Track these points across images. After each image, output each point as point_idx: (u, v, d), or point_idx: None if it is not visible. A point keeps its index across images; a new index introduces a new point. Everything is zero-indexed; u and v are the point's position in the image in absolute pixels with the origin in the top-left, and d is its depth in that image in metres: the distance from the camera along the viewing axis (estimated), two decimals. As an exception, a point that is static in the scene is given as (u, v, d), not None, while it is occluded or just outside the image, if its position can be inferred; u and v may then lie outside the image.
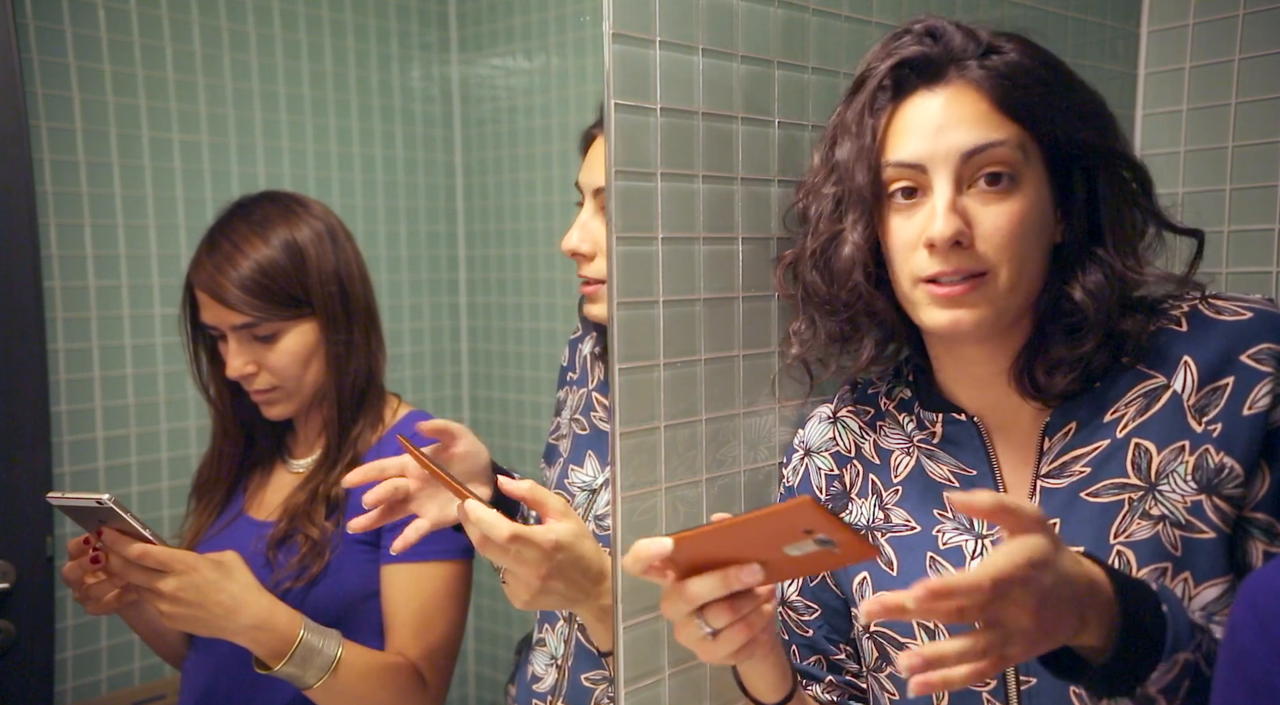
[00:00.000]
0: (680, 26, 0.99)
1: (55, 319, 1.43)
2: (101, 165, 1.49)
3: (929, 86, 0.88)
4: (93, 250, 1.49)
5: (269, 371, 1.25)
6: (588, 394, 1.23)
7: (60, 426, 1.44)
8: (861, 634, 0.98)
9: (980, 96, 0.86)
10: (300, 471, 1.31)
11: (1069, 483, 0.89)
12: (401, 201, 1.89)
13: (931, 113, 0.87)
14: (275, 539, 1.23)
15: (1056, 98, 0.87)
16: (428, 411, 1.34)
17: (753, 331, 1.09)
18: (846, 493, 1.02)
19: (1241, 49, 1.46)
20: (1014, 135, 0.85)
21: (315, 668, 1.12)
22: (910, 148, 0.87)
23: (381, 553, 1.25)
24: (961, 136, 0.85)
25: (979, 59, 0.87)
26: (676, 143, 1.00)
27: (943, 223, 0.84)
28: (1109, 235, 0.88)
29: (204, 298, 1.24)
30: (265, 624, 1.09)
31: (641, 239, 0.99)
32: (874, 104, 0.90)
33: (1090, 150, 0.88)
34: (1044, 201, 0.88)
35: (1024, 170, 0.86)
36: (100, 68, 1.49)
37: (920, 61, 0.89)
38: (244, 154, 1.67)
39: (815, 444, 1.06)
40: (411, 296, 1.92)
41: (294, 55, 1.73)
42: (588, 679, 1.14)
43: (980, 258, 0.85)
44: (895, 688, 0.96)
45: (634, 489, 1.00)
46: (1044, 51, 0.91)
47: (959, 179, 0.86)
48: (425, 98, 1.94)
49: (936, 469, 0.96)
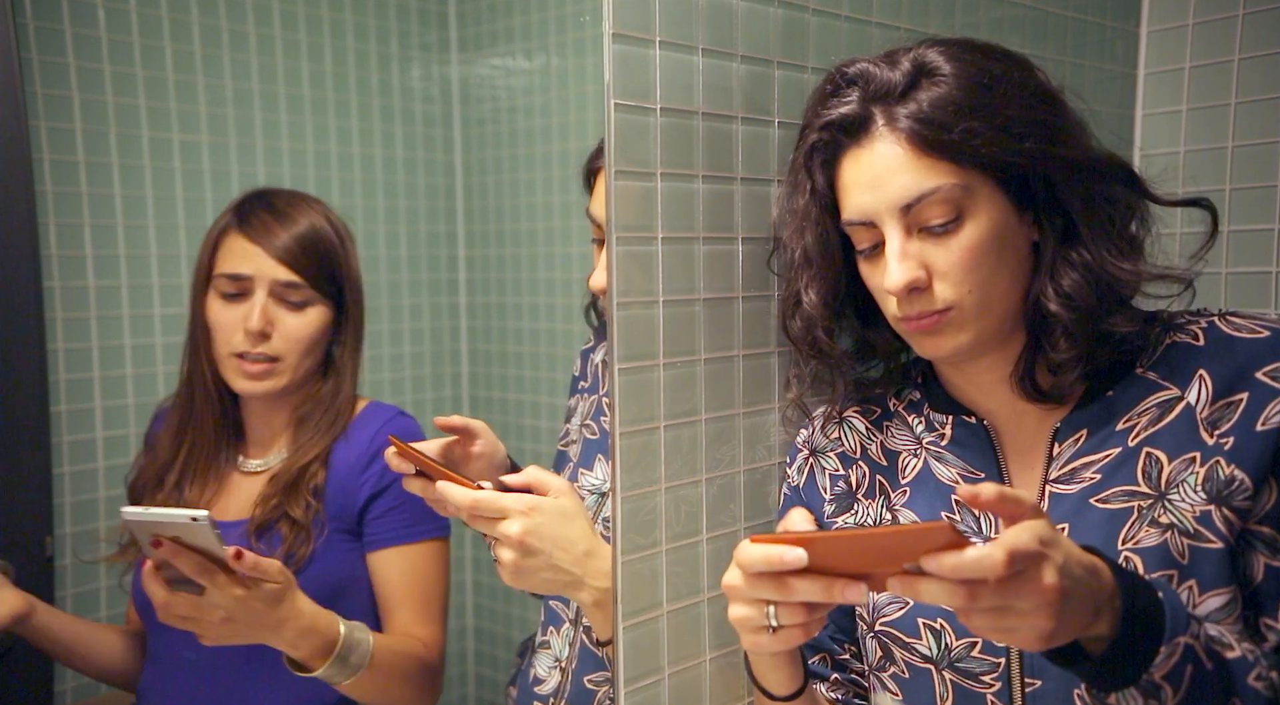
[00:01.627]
0: (680, 26, 0.99)
1: (55, 319, 1.43)
2: (101, 165, 1.49)
3: (858, 143, 0.89)
4: (93, 250, 1.49)
5: (283, 339, 1.23)
6: (598, 400, 1.24)
7: (60, 426, 1.44)
8: (866, 633, 0.99)
9: (906, 145, 0.86)
10: (256, 472, 1.28)
11: (1079, 488, 0.89)
12: (401, 201, 1.89)
13: (864, 170, 0.89)
14: (257, 527, 1.20)
15: (990, 121, 0.85)
16: (402, 405, 1.34)
17: (753, 331, 1.09)
18: (852, 493, 1.02)
19: (1241, 49, 1.46)
20: (949, 176, 0.85)
21: (352, 664, 1.12)
22: (856, 207, 0.90)
23: (366, 541, 1.25)
24: (895, 191, 0.86)
25: (902, 101, 0.87)
26: (676, 143, 1.00)
27: (895, 273, 0.86)
28: (1085, 232, 0.88)
29: (251, 248, 1.21)
30: (310, 629, 1.09)
31: (641, 239, 0.99)
32: (810, 164, 0.94)
33: (1039, 161, 0.86)
34: (1002, 219, 0.87)
35: (968, 203, 0.86)
36: (100, 68, 1.49)
37: (844, 122, 0.90)
38: (244, 154, 1.67)
39: (821, 444, 1.06)
40: (411, 296, 1.92)
41: (294, 55, 1.73)
42: (590, 681, 1.14)
43: (940, 297, 0.87)
44: (898, 687, 0.96)
45: (634, 489, 1.00)
46: (983, 66, 0.88)
47: (906, 227, 0.87)
48: (425, 98, 1.94)
49: (945, 471, 0.97)
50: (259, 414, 1.30)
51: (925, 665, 0.93)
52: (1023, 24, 1.35)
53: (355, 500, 1.24)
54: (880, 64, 0.90)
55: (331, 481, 1.24)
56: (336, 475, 1.24)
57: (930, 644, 0.92)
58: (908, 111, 0.86)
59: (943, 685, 0.92)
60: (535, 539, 0.95)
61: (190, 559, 1.01)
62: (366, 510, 1.24)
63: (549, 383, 1.86)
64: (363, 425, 1.28)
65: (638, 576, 1.01)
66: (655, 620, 1.03)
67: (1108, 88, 1.51)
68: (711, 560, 1.07)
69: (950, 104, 0.85)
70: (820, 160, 0.93)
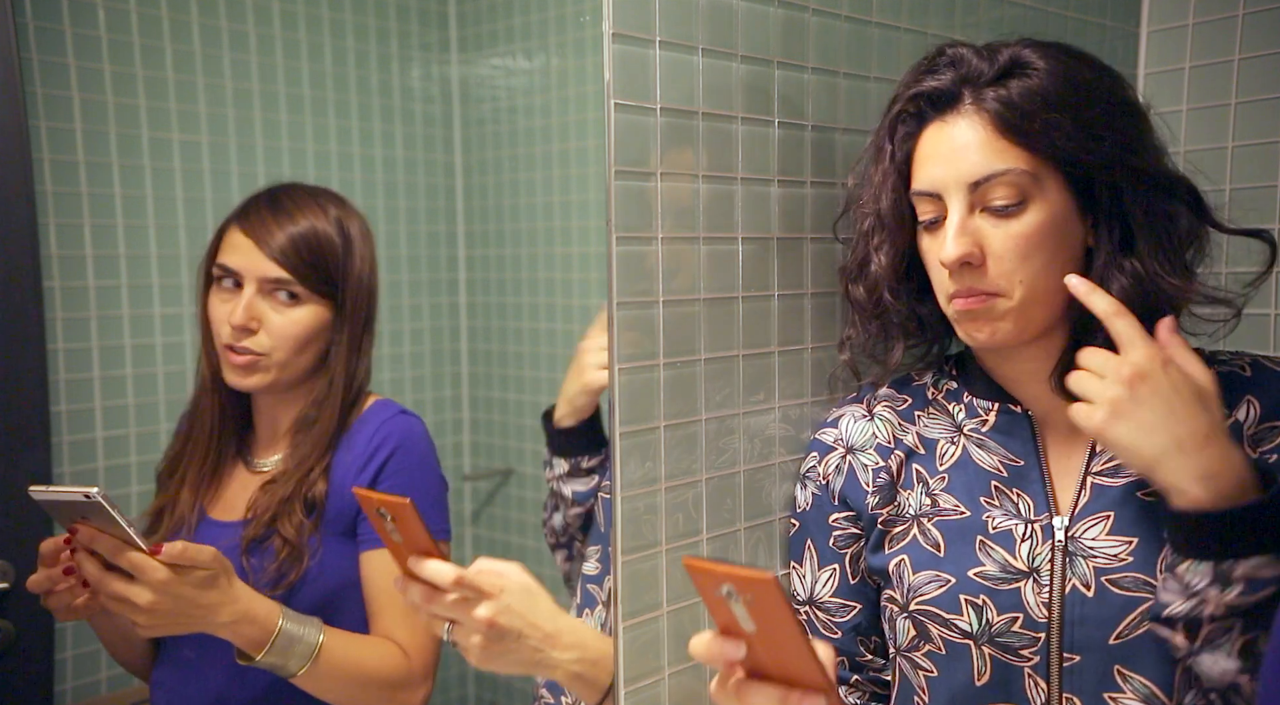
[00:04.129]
0: (680, 26, 0.99)
1: (55, 319, 1.43)
2: (101, 165, 1.49)
3: (942, 117, 0.93)
4: (93, 250, 1.49)
5: (269, 334, 1.22)
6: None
7: (60, 426, 1.44)
8: (898, 614, 0.99)
9: (987, 125, 0.90)
10: (263, 470, 1.28)
11: (1125, 481, 0.92)
12: (401, 201, 1.89)
13: (942, 143, 0.93)
14: (248, 542, 1.20)
15: (1073, 118, 0.89)
16: (402, 404, 1.33)
17: (753, 331, 1.09)
18: (894, 484, 1.03)
19: (1241, 49, 1.46)
20: (1021, 161, 0.89)
21: (297, 656, 1.11)
22: (927, 178, 0.94)
23: (360, 540, 1.24)
24: (967, 167, 0.90)
25: (992, 86, 0.91)
26: (676, 143, 1.00)
27: (950, 245, 0.90)
28: (1142, 244, 0.91)
29: (245, 243, 1.22)
30: (245, 616, 1.08)
31: (641, 239, 0.99)
32: (894, 133, 0.97)
33: (1111, 166, 0.90)
34: (1063, 215, 0.91)
35: (1034, 191, 0.89)
36: (100, 68, 1.49)
37: (933, 94, 0.94)
38: (244, 154, 1.67)
39: (858, 441, 1.05)
40: (411, 296, 1.92)
41: (294, 55, 1.73)
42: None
43: (991, 278, 0.90)
44: (932, 665, 0.97)
45: (634, 489, 1.00)
46: (1077, 69, 0.92)
47: (970, 204, 0.91)
48: (425, 98, 1.94)
49: (986, 457, 0.99)
50: (264, 411, 1.30)
51: (964, 641, 0.94)
52: (1023, 24, 1.35)
53: (351, 501, 1.23)
54: (980, 52, 0.94)
55: (331, 483, 1.23)
56: (335, 477, 1.24)
57: (971, 619, 0.93)
58: (996, 95, 0.90)
59: (981, 660, 0.93)
60: (506, 619, 0.93)
61: (106, 542, 0.99)
62: (360, 510, 1.24)
63: (549, 383, 1.86)
64: (364, 424, 1.27)
65: (638, 576, 1.01)
66: (655, 620, 1.03)
67: (1108, 88, 1.51)
68: (711, 560, 1.07)
69: (1038, 96, 0.89)
70: (904, 131, 0.97)
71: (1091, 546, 0.91)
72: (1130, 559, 0.89)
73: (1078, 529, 0.92)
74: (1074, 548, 0.91)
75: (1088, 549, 0.91)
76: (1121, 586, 0.89)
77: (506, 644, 0.93)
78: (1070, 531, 0.92)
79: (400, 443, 1.24)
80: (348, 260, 1.26)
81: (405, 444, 1.24)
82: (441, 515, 1.29)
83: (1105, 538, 0.91)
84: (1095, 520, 0.92)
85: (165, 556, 1.01)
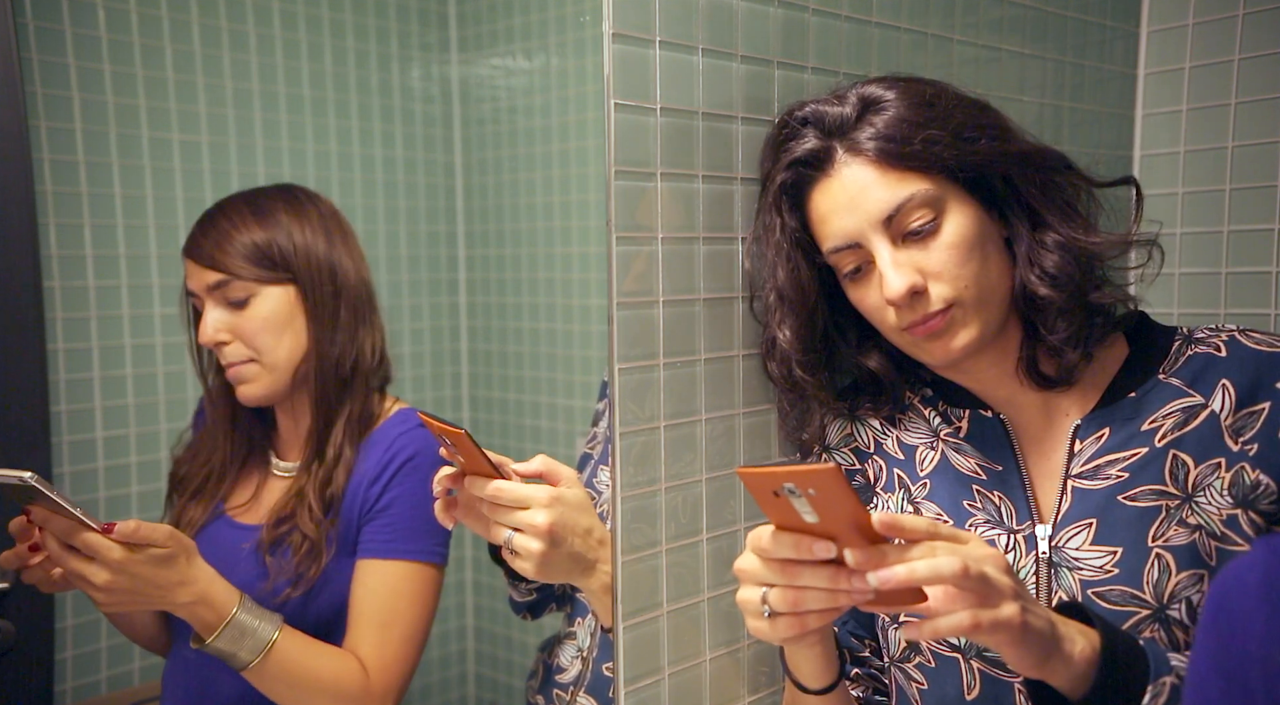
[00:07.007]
0: (680, 26, 0.99)
1: (55, 319, 1.43)
2: (101, 165, 1.49)
3: (824, 174, 0.94)
4: (93, 250, 1.49)
5: (242, 340, 1.21)
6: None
7: (60, 426, 1.44)
8: (888, 625, 0.99)
9: (872, 163, 0.92)
10: (287, 475, 1.28)
11: (1105, 485, 0.92)
12: (401, 201, 1.89)
13: (839, 195, 0.93)
14: (267, 543, 1.20)
15: (941, 131, 0.91)
16: (427, 410, 1.33)
17: (752, 332, 1.09)
18: (870, 487, 1.04)
19: (1241, 49, 1.46)
20: (919, 182, 0.90)
21: (248, 648, 1.09)
22: (839, 232, 0.94)
23: (357, 548, 1.22)
24: (874, 206, 0.91)
25: (857, 127, 0.92)
26: (676, 143, 1.00)
27: (893, 280, 0.90)
28: (1050, 217, 0.93)
29: (189, 264, 1.22)
30: (202, 598, 1.07)
31: (641, 239, 0.99)
32: (780, 206, 0.98)
33: (994, 159, 0.92)
34: (975, 218, 0.92)
35: (943, 205, 0.91)
36: (100, 68, 1.49)
37: (807, 157, 0.95)
38: (244, 154, 1.67)
39: (833, 440, 1.07)
40: (411, 296, 1.92)
41: (294, 55, 1.73)
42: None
43: (938, 297, 0.91)
44: (923, 676, 0.97)
45: (634, 489, 1.00)
46: (920, 87, 0.95)
47: (891, 238, 0.92)
48: (425, 98, 1.94)
49: (964, 461, 0.99)
50: (284, 415, 1.31)
51: (953, 655, 0.94)
52: (1023, 24, 1.35)
53: (358, 513, 1.22)
54: (828, 102, 0.96)
55: (351, 492, 1.22)
56: (350, 487, 1.23)
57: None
58: (867, 135, 0.92)
59: (970, 674, 0.93)
60: (561, 528, 0.95)
61: (59, 523, 0.99)
62: (364, 521, 1.22)
63: (549, 383, 1.86)
64: (383, 435, 1.25)
65: (638, 576, 1.01)
66: (655, 620, 1.03)
67: (1108, 88, 1.51)
68: (711, 560, 1.07)
69: (903, 121, 0.91)
70: (790, 200, 0.98)
71: (1076, 557, 0.91)
72: (1116, 571, 0.89)
73: (1061, 538, 0.92)
74: (1058, 558, 0.91)
75: (1072, 560, 0.91)
76: (1109, 600, 0.88)
77: (561, 551, 0.95)
78: (1054, 541, 0.92)
79: (419, 449, 1.23)
80: (283, 241, 1.22)
81: (424, 450, 1.23)
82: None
83: (1089, 548, 0.91)
84: (1078, 528, 0.92)
85: (118, 534, 1.01)
